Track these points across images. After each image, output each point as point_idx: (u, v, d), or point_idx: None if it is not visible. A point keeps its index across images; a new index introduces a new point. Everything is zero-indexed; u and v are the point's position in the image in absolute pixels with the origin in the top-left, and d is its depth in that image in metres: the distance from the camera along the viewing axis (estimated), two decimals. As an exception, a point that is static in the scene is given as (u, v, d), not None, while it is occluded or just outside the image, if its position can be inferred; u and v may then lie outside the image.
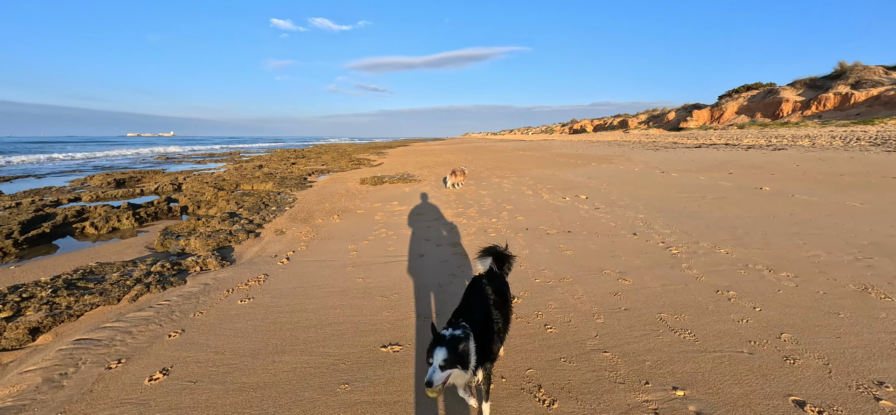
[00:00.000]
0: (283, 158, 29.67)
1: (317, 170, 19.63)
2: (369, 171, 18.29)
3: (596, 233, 6.15)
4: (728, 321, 3.34)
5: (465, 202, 9.22)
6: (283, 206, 9.93)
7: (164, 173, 19.60)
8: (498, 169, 16.57)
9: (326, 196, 10.97)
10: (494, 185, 11.82)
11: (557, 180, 12.10)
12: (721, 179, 10.99)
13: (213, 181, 14.68)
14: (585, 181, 11.70)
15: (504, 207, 8.50)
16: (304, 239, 6.58)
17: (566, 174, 13.61)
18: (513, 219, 7.35)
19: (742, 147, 21.52)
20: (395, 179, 13.90)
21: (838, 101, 36.03)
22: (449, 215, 7.90)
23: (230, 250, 6.40)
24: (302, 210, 9.06)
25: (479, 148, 38.63)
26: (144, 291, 4.76)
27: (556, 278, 4.36)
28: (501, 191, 10.64)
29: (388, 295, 4.11)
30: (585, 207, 8.14)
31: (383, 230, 6.92)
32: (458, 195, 10.24)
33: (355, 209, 8.89)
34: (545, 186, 10.97)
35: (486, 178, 13.60)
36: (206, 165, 25.48)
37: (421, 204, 9.22)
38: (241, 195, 11.39)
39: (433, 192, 10.98)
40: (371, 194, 10.92)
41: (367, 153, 34.07)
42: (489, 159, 22.42)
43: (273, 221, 8.23)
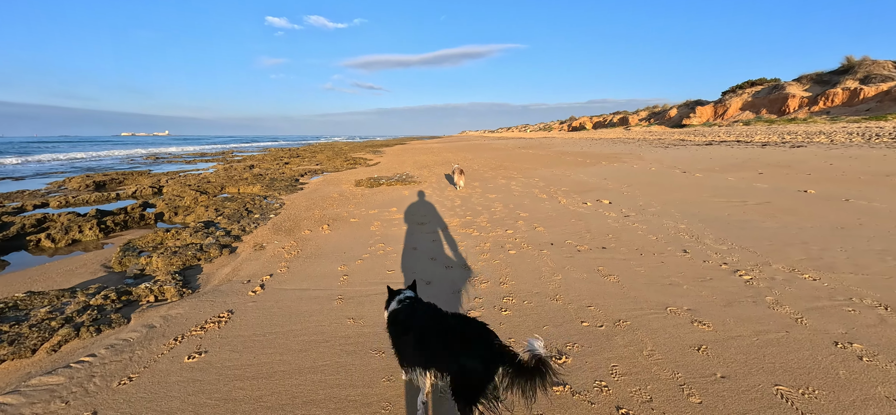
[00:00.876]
0: (277, 157, 28.55)
1: (310, 170, 18.53)
2: (365, 171, 17.21)
3: (637, 250, 5.11)
4: (880, 400, 2.31)
5: (472, 208, 8.17)
6: (267, 213, 8.85)
7: (149, 175, 18.45)
8: (502, 168, 15.53)
9: (317, 201, 9.89)
10: (502, 187, 10.78)
11: (571, 182, 11.07)
12: (753, 180, 9.97)
13: (197, 184, 13.57)
14: (602, 183, 10.67)
15: (518, 214, 7.45)
16: (286, 257, 5.50)
17: (578, 174, 12.58)
18: (531, 230, 6.29)
19: (756, 144, 20.55)
20: (393, 181, 12.83)
21: (847, 96, 35.17)
22: (456, 226, 6.85)
23: (197, 272, 5.32)
24: (288, 218, 7.98)
25: (479, 146, 37.59)
26: (72, 335, 3.67)
27: (609, 320, 3.31)
28: (511, 194, 9.59)
29: (386, 348, 3.06)
30: (612, 214, 7.09)
31: (380, 245, 5.85)
32: (463, 199, 9.19)
33: (349, 217, 7.81)
34: (559, 189, 9.93)
35: (491, 179, 12.56)
36: (195, 166, 24.32)
37: (422, 210, 8.17)
38: (223, 200, 10.30)
39: (435, 195, 9.93)
40: (366, 198, 9.85)
41: (363, 152, 32.97)
42: (491, 158, 21.37)
43: (253, 232, 7.15)
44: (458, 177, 11.08)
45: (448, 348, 1.88)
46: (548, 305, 3.63)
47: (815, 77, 40.16)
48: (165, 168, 22.78)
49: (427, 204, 8.84)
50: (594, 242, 5.53)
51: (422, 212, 8.04)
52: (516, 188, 10.45)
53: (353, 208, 8.66)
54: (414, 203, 8.94)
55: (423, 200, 9.36)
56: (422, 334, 2.05)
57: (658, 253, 4.94)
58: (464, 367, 1.79)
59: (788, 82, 41.97)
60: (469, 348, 1.81)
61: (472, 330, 1.90)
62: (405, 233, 6.50)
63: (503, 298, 3.81)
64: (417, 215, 7.73)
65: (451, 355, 1.84)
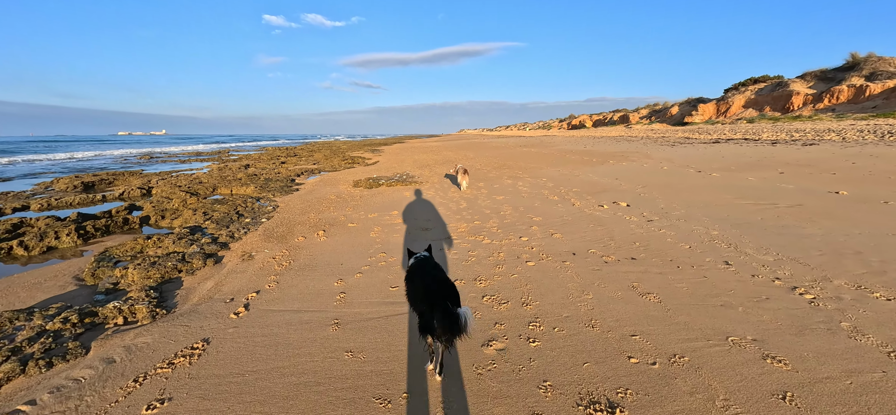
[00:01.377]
0: (273, 156, 27.93)
1: (307, 170, 17.93)
2: (364, 171, 16.61)
3: (672, 261, 4.54)
4: None
5: (479, 211, 7.59)
6: (260, 216, 8.26)
7: (141, 175, 17.83)
8: (506, 168, 14.95)
9: (313, 203, 9.30)
10: (509, 188, 10.20)
11: (581, 182, 10.50)
12: (776, 180, 9.42)
13: (188, 184, 12.96)
14: (614, 183, 10.10)
15: (531, 218, 6.87)
16: (277, 269, 4.92)
17: (587, 174, 12.01)
18: (548, 238, 5.72)
19: (765, 142, 20.02)
20: (393, 181, 12.24)
21: (852, 93, 34.69)
22: (464, 231, 6.26)
23: (176, 286, 4.74)
24: (281, 223, 7.40)
25: (479, 144, 37.01)
26: (16, 372, 3.08)
27: (662, 355, 2.73)
28: (519, 195, 9.02)
29: (392, 395, 2.47)
30: (633, 218, 6.52)
31: (381, 255, 5.26)
32: (469, 201, 8.61)
33: (346, 222, 7.23)
34: (570, 190, 9.35)
35: (496, 178, 11.98)
36: (190, 165, 23.69)
37: (426, 214, 7.59)
38: (213, 203, 9.71)
39: (438, 196, 9.35)
40: (365, 200, 9.26)
41: (361, 151, 32.37)
42: (494, 157, 20.80)
43: (243, 238, 6.57)
44: (462, 177, 10.47)
45: (424, 299, 2.58)
46: (583, 334, 3.05)
47: (819, 74, 39.67)
48: (158, 168, 22.14)
49: (430, 206, 8.27)
50: (620, 251, 4.96)
51: (425, 215, 7.47)
52: (524, 189, 9.88)
53: (351, 212, 8.08)
54: (416, 205, 8.37)
55: (425, 202, 8.79)
56: (415, 286, 2.82)
57: (697, 265, 4.37)
58: (422, 312, 2.57)
59: (792, 79, 41.46)
60: (431, 301, 2.46)
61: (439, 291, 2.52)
62: (408, 240, 5.92)
63: (529, 324, 3.23)
64: (420, 219, 7.16)
65: (423, 303, 2.57)
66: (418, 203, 8.64)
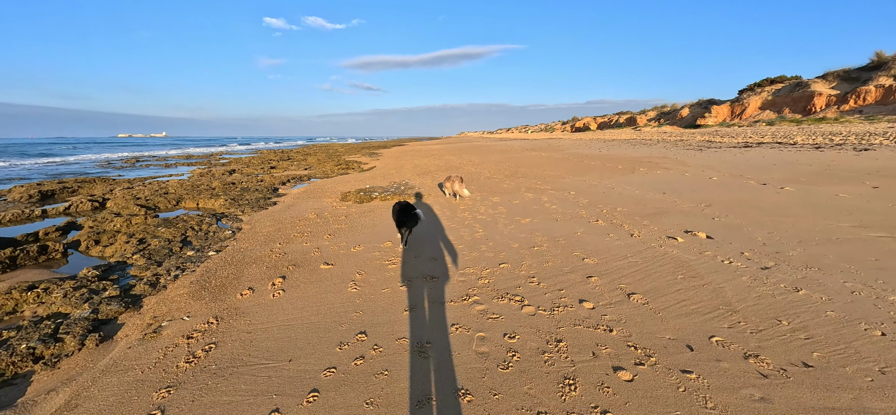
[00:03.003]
0: (265, 160, 26.02)
1: (295, 176, 15.93)
2: (357, 179, 14.60)
3: (880, 369, 2.54)
4: None
5: (504, 243, 5.56)
6: (210, 245, 6.25)
7: (111, 182, 15.84)
8: (521, 177, 12.93)
9: (286, 225, 7.29)
10: (532, 204, 8.17)
11: (621, 198, 8.47)
12: (876, 197, 7.38)
13: (149, 196, 10.98)
14: (663, 199, 8.08)
15: (582, 260, 4.79)
16: (182, 367, 2.88)
17: (621, 186, 9.99)
18: (624, 301, 3.65)
19: (804, 147, 17.99)
20: (388, 194, 10.22)
21: (881, 94, 32.62)
22: (490, 284, 4.22)
23: (15, 393, 2.74)
24: (231, 259, 5.37)
25: (482, 147, 34.95)
26: None
27: None
28: (550, 217, 6.99)
29: None
30: (737, 263, 4.46)
31: (359, 340, 3.19)
32: (486, 225, 6.59)
33: (319, 260, 5.20)
34: (613, 209, 7.33)
35: (512, 191, 9.95)
36: (172, 170, 21.70)
37: (429, 247, 5.57)
38: (162, 223, 7.71)
39: (444, 216, 7.34)
40: (352, 223, 7.26)
41: (358, 155, 30.38)
42: (501, 162, 18.75)
43: (168, 287, 4.55)
44: (459, 186, 9.12)
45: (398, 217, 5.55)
46: None
47: (842, 74, 37.62)
48: (137, 174, 20.16)
49: (434, 233, 6.25)
50: (767, 341, 2.92)
51: (429, 250, 5.44)
52: (553, 207, 7.84)
53: (330, 241, 6.06)
54: (416, 232, 6.36)
55: (427, 224, 6.78)
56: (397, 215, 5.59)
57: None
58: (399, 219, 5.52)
59: (813, 80, 39.40)
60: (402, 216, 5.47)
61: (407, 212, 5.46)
62: (406, 302, 3.89)
63: None
64: (423, 258, 5.13)
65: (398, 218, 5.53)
66: (419, 228, 6.64)
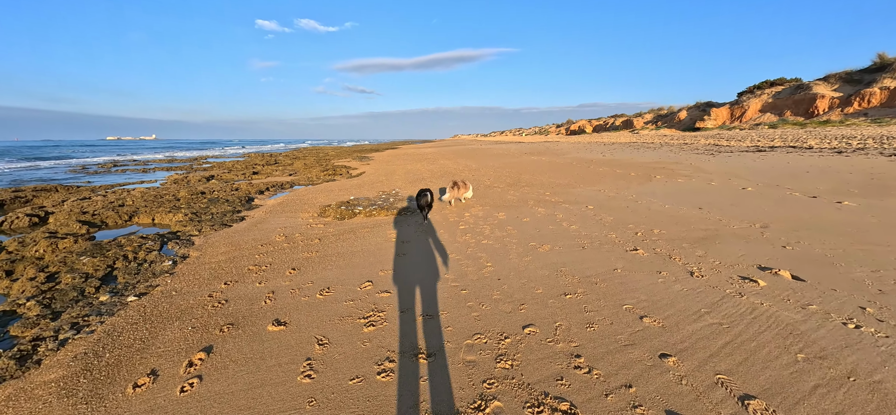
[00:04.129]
0: (249, 165, 24.52)
1: (277, 183, 14.43)
2: (343, 186, 13.14)
3: None
4: None
5: (522, 285, 4.14)
6: (138, 283, 4.78)
7: (73, 190, 14.21)
8: (525, 185, 11.58)
9: (245, 251, 5.85)
10: (543, 221, 6.80)
11: (652, 215, 7.13)
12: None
13: (101, 210, 9.47)
14: (705, 217, 6.76)
15: (634, 313, 3.46)
16: None
17: (645, 199, 8.68)
18: (743, 413, 2.34)
19: (825, 151, 16.87)
20: (375, 208, 8.79)
21: (886, 96, 31.88)
22: (511, 359, 2.87)
23: None
24: (154, 310, 3.91)
25: (477, 151, 33.61)
26: None
27: None
28: (568, 239, 5.62)
29: None
30: (861, 322, 3.13)
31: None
32: (495, 254, 5.18)
33: (270, 314, 3.76)
34: (649, 230, 5.98)
35: (518, 204, 8.57)
36: (149, 176, 20.05)
37: (423, 284, 4.19)
38: (93, 248, 6.22)
39: (444, 238, 5.96)
40: (326, 247, 5.83)
41: (349, 158, 28.91)
42: (500, 167, 17.40)
43: (40, 366, 3.12)
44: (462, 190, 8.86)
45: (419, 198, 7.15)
46: None
47: (844, 76, 36.92)
48: (110, 179, 18.49)
49: (428, 269, 4.85)
50: None
51: (422, 296, 4.04)
52: (573, 227, 6.47)
53: (291, 281, 4.63)
54: (403, 265, 4.95)
55: (420, 252, 5.38)
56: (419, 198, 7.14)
57: None
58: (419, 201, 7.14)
59: (814, 82, 38.69)
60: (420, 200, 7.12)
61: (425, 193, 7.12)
62: (395, 402, 2.48)
63: None
64: (413, 311, 3.70)
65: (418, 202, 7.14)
66: (408, 258, 5.23)
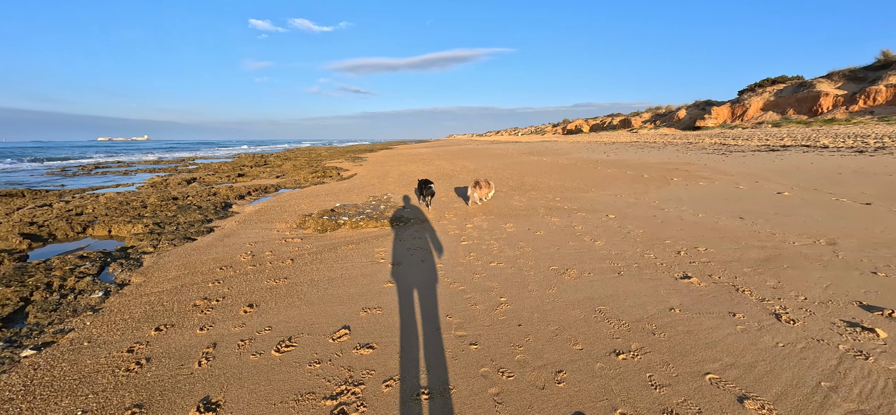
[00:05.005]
0: (237, 166, 23.36)
1: (261, 187, 13.29)
2: (332, 190, 12.01)
3: None
4: None
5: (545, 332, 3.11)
6: (50, 325, 3.66)
7: (41, 195, 12.99)
8: (527, 189, 10.54)
9: (198, 276, 4.74)
10: (560, 234, 5.73)
11: (685, 226, 6.10)
12: None
13: (54, 219, 8.32)
14: (744, 228, 5.74)
15: (722, 385, 2.38)
16: None
17: (670, 204, 7.66)
18: None
19: (844, 151, 15.98)
20: (361, 218, 7.69)
21: (892, 94, 31.20)
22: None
23: None
24: (42, 377, 2.78)
25: (474, 151, 32.53)
26: None
27: None
28: (597, 260, 4.55)
29: None
30: None
31: None
32: (506, 281, 4.10)
33: (201, 386, 2.69)
34: (692, 250, 4.94)
35: (524, 211, 7.51)
36: (129, 178, 18.79)
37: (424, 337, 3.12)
38: (19, 272, 5.09)
39: (446, 265, 4.83)
40: (299, 271, 4.74)
41: (341, 159, 27.75)
42: (500, 168, 16.34)
43: None
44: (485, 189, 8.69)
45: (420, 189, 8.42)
46: None
47: (848, 73, 36.27)
48: (86, 182, 17.24)
49: (426, 306, 3.75)
50: None
51: (419, 354, 2.97)
52: (598, 244, 5.41)
53: (242, 326, 3.50)
54: (394, 296, 3.87)
55: (414, 278, 4.31)
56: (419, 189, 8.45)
57: None
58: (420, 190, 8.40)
59: (817, 79, 38.02)
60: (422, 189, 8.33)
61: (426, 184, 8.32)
62: None
63: None
64: (400, 392, 2.65)
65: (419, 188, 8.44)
66: (399, 288, 4.15)
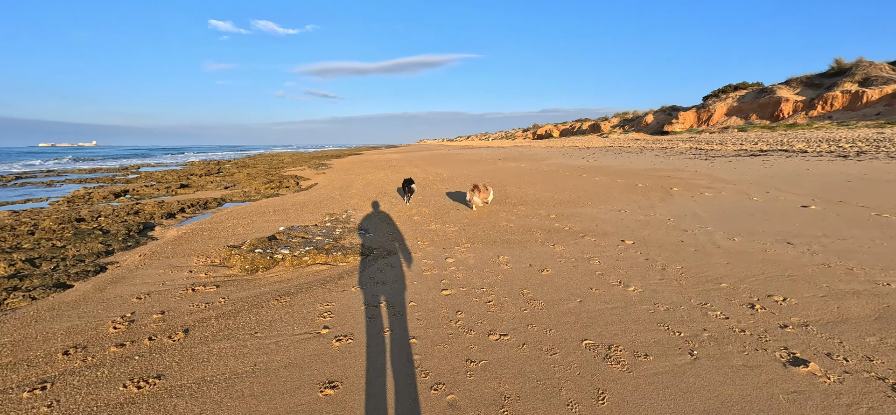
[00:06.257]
0: (184, 175, 20.90)
1: (202, 200, 11.18)
2: (284, 204, 10.08)
3: None
4: None
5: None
6: None
7: None
8: (511, 202, 9.10)
9: (30, 362, 2.90)
10: (572, 272, 4.27)
11: (740, 263, 4.79)
12: None
13: None
14: (821, 264, 4.50)
15: None
16: None
17: (692, 224, 6.42)
18: None
19: (827, 155, 15.65)
20: (309, 247, 5.96)
21: (848, 100, 32.48)
22: None
23: None
24: None
25: (447, 157, 31.07)
26: None
27: None
28: (641, 322, 3.10)
29: None
30: None
31: None
32: (529, 392, 2.64)
33: None
34: (764, 298, 3.59)
35: (515, 232, 6.01)
36: (52, 190, 15.91)
37: None
38: None
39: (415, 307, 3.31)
40: (184, 360, 2.96)
41: (304, 166, 25.59)
42: (475, 177, 14.87)
43: None
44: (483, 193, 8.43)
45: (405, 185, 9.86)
46: None
47: (805, 80, 37.68)
48: None
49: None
50: None
51: None
52: (633, 291, 3.97)
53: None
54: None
55: (375, 389, 2.71)
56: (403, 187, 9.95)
57: None
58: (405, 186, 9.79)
59: (777, 85, 39.32)
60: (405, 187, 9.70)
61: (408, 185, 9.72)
62: None
63: None
64: None
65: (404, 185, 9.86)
66: (342, 411, 2.53)
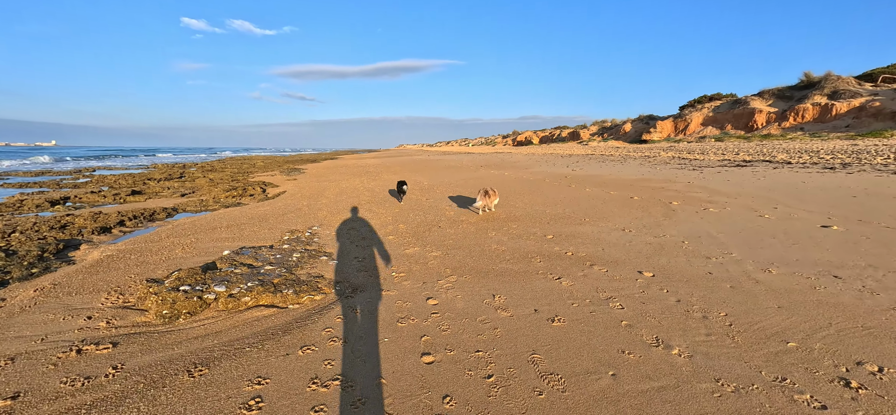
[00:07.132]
0: (142, 179, 19.09)
1: (149, 211, 9.65)
2: (242, 216, 8.73)
3: None
4: None
5: None
6: None
7: None
8: (498, 219, 8.16)
9: None
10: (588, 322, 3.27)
11: (797, 306, 3.91)
12: None
13: None
14: (891, 306, 3.71)
15: None
16: None
17: (714, 248, 5.57)
18: None
19: (815, 167, 15.47)
20: (255, 283, 4.75)
21: (818, 112, 33.44)
22: None
23: None
24: None
25: (427, 163, 30.00)
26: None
27: None
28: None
29: None
30: None
31: None
32: None
33: None
34: (855, 367, 2.75)
35: (512, 265, 5.03)
36: None
37: None
38: None
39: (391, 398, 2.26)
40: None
41: (276, 171, 24.01)
42: (458, 186, 13.87)
43: None
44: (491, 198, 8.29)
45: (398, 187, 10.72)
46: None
47: (777, 92, 38.73)
48: None
49: None
50: None
51: None
52: (678, 357, 3.03)
53: None
54: None
55: None
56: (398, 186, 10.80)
57: None
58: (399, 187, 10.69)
59: (751, 97, 40.29)
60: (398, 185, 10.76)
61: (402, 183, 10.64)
62: None
63: None
64: None
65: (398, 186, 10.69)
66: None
